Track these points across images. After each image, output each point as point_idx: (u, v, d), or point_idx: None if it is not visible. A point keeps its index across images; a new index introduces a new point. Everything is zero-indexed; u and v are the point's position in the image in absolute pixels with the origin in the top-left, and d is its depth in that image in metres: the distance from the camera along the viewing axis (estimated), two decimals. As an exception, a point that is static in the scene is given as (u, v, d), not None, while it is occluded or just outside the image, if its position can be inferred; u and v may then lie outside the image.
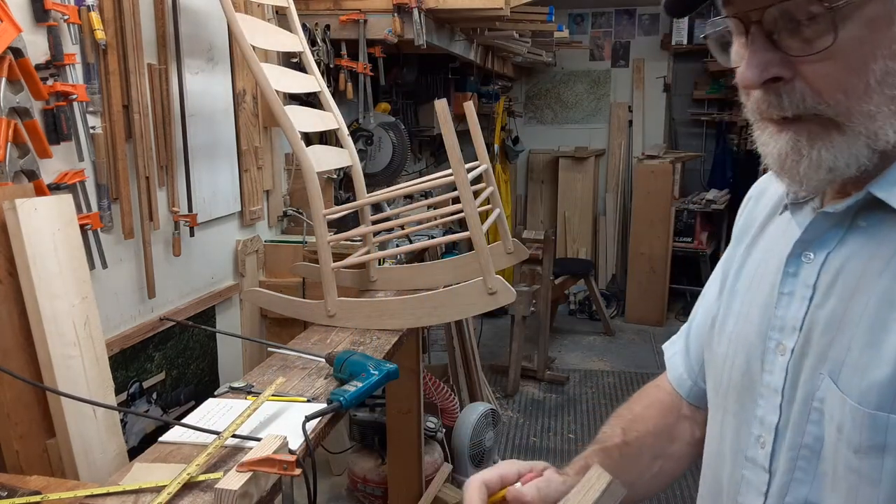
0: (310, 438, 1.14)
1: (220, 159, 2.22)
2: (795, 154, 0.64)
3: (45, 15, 1.47)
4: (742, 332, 0.76)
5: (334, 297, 1.70)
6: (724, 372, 0.78)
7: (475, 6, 2.73)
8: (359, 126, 3.06)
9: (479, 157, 1.82)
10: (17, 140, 1.38)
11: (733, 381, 0.76)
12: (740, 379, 0.75)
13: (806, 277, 0.69)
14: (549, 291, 4.31)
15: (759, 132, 0.68)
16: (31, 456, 1.22)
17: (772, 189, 0.83)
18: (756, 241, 0.82)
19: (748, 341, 0.74)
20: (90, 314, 1.32)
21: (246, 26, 1.68)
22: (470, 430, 3.07)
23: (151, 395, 1.90)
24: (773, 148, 0.66)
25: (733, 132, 5.63)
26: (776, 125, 0.65)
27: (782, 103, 0.63)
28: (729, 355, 0.77)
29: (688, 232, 5.33)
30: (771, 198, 0.82)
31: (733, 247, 0.87)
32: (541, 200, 6.19)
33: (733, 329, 0.78)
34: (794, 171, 0.64)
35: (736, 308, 0.79)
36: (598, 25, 6.02)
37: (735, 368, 0.76)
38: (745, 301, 0.78)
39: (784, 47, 0.62)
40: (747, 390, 0.73)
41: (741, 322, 0.77)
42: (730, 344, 0.78)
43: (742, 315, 0.77)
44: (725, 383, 0.77)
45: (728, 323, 0.79)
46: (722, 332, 0.80)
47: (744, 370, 0.74)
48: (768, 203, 0.83)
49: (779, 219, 0.78)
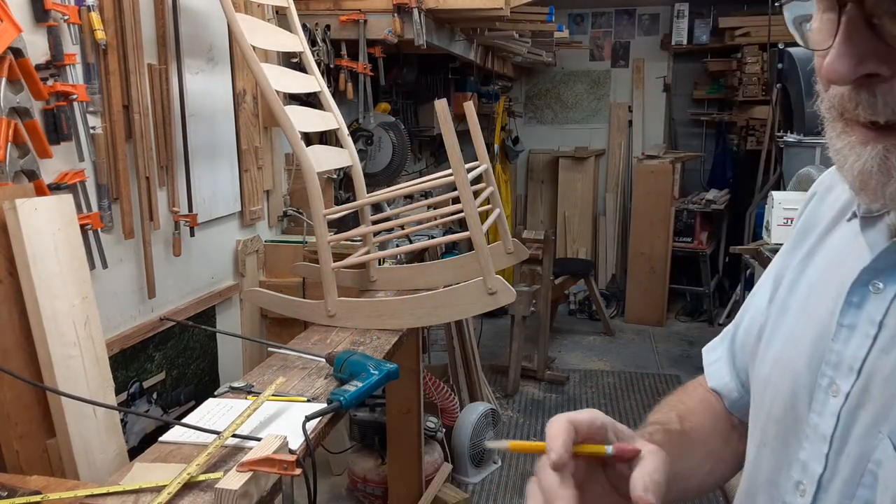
0: (310, 438, 1.14)
1: (221, 159, 2.22)
2: (883, 175, 0.52)
3: (45, 15, 1.47)
4: (790, 359, 0.66)
5: (334, 297, 1.70)
6: (766, 399, 0.69)
7: (475, 6, 2.73)
8: (359, 126, 3.06)
9: (479, 157, 1.82)
10: (17, 140, 1.38)
11: (774, 413, 0.67)
12: (783, 413, 0.65)
13: (872, 312, 0.58)
14: (549, 291, 4.31)
15: (834, 134, 0.56)
16: (31, 456, 1.22)
17: (841, 186, 0.70)
18: (816, 249, 0.71)
19: (796, 371, 0.64)
20: (90, 314, 1.32)
21: (246, 26, 1.68)
22: (470, 430, 3.07)
23: (151, 395, 1.90)
24: (854, 162, 0.54)
25: (733, 132, 5.63)
26: (861, 132, 0.54)
27: (875, 105, 0.51)
28: (772, 381, 0.68)
29: (688, 232, 5.33)
30: (838, 197, 0.71)
31: (791, 249, 0.75)
32: (541, 200, 6.19)
33: (780, 352, 0.68)
34: (879, 193, 0.53)
35: (786, 328, 0.69)
36: (598, 25, 6.02)
37: (778, 399, 0.66)
38: (797, 322, 0.68)
39: (887, 36, 0.49)
40: (791, 429, 0.64)
41: (790, 346, 0.67)
42: (774, 368, 0.68)
43: (792, 338, 0.67)
44: (765, 412, 0.69)
45: (774, 343, 0.70)
46: (767, 350, 0.71)
47: (788, 404, 0.65)
48: (835, 203, 0.71)
49: (845, 226, 0.67)
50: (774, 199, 2.70)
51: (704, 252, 5.28)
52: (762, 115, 5.07)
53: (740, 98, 5.18)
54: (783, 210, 2.65)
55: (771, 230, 2.70)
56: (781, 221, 2.66)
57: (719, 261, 5.62)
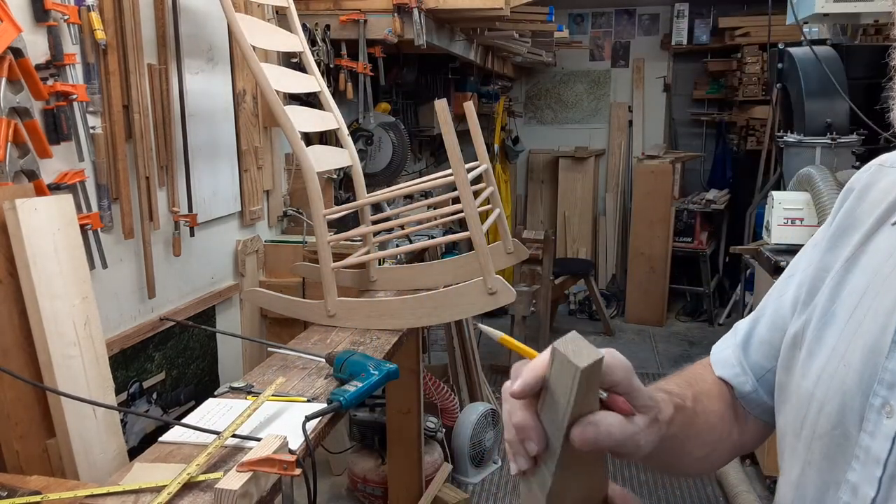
0: (310, 438, 1.14)
1: (220, 159, 2.22)
2: None
3: (45, 15, 1.47)
4: (837, 375, 0.62)
5: (334, 297, 1.70)
6: (810, 415, 0.65)
7: (475, 6, 2.73)
8: (359, 126, 3.06)
9: (479, 157, 1.82)
10: (17, 140, 1.38)
11: (820, 430, 0.63)
12: (830, 430, 0.62)
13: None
14: (549, 291, 4.31)
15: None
16: (31, 456, 1.22)
17: (883, 183, 0.66)
18: (860, 253, 0.66)
19: (844, 387, 0.61)
20: (90, 314, 1.32)
21: (246, 26, 1.68)
22: (470, 430, 3.07)
23: (151, 395, 1.90)
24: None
25: (733, 132, 5.63)
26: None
27: None
28: (817, 397, 0.64)
29: (688, 232, 5.33)
30: (882, 196, 0.66)
31: (829, 249, 0.70)
32: (541, 200, 6.19)
33: (826, 366, 0.64)
34: None
35: (831, 340, 0.65)
36: (598, 25, 6.02)
37: (824, 416, 0.63)
38: (844, 334, 0.63)
39: None
40: (840, 447, 0.61)
41: (836, 361, 0.63)
42: (819, 382, 0.64)
43: (839, 352, 0.63)
44: (810, 429, 0.65)
45: (819, 355, 0.66)
46: (809, 361, 0.67)
47: (836, 421, 0.62)
48: (878, 202, 0.67)
49: (890, 231, 0.64)
50: (774, 199, 2.70)
51: (704, 252, 5.28)
52: (762, 115, 5.07)
53: (740, 98, 5.18)
54: (783, 210, 2.65)
55: (771, 230, 2.70)
56: (781, 221, 2.66)
57: (719, 261, 5.62)
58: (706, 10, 5.51)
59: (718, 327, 5.28)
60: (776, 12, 3.58)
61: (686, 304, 5.63)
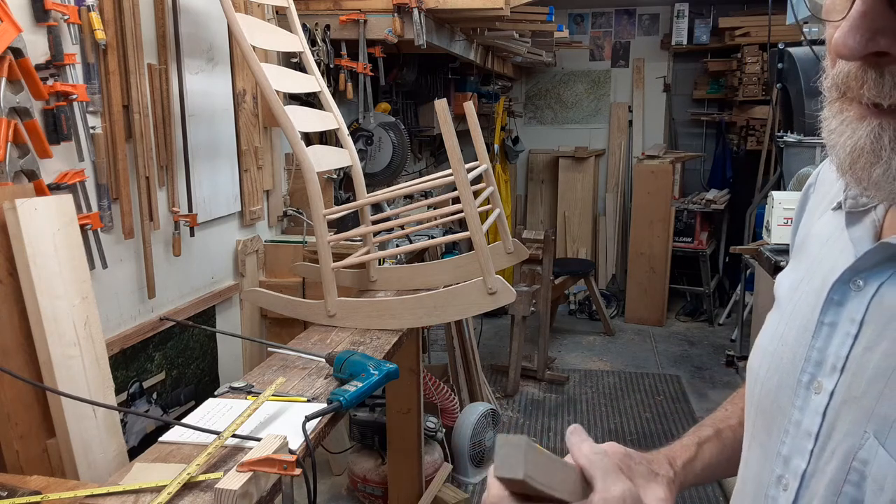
0: (310, 438, 1.14)
1: (220, 159, 2.22)
2: (873, 155, 0.51)
3: (45, 15, 1.47)
4: (777, 353, 0.66)
5: (334, 297, 1.70)
6: (755, 392, 0.69)
7: (475, 6, 2.73)
8: (359, 126, 3.06)
9: (479, 157, 1.82)
10: (17, 140, 1.38)
11: (763, 406, 0.67)
12: (769, 406, 0.66)
13: (852, 310, 0.58)
14: (549, 291, 4.31)
15: (831, 114, 0.55)
16: (31, 456, 1.22)
17: (832, 175, 0.69)
18: (806, 239, 0.72)
19: (781, 365, 0.65)
20: (90, 314, 1.32)
21: (246, 26, 1.68)
22: (470, 430, 3.07)
23: (151, 395, 1.90)
24: (846, 139, 0.52)
25: (733, 132, 5.63)
26: (860, 108, 0.52)
27: (882, 86, 0.49)
28: (760, 375, 0.68)
29: (688, 232, 5.33)
30: (828, 186, 0.71)
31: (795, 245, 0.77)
32: (541, 200, 6.19)
33: (768, 345, 0.68)
34: (864, 177, 0.52)
35: (774, 320, 0.70)
36: (598, 25, 6.02)
37: (765, 392, 0.67)
38: (783, 315, 0.68)
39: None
40: (775, 421, 0.64)
41: (777, 341, 0.67)
42: (762, 361, 0.69)
43: (779, 333, 0.67)
44: (755, 405, 0.69)
45: (765, 334, 0.70)
46: (758, 342, 0.71)
47: (773, 397, 0.65)
48: (825, 193, 0.71)
49: (831, 216, 0.67)
50: (774, 199, 2.69)
51: (704, 252, 5.28)
52: (762, 115, 5.07)
53: (740, 98, 5.18)
54: (783, 210, 2.65)
55: (771, 230, 2.70)
56: (781, 221, 2.66)
57: (719, 261, 5.63)
58: (706, 10, 5.51)
59: (718, 327, 5.28)
60: (776, 12, 3.59)
61: (686, 304, 5.63)
